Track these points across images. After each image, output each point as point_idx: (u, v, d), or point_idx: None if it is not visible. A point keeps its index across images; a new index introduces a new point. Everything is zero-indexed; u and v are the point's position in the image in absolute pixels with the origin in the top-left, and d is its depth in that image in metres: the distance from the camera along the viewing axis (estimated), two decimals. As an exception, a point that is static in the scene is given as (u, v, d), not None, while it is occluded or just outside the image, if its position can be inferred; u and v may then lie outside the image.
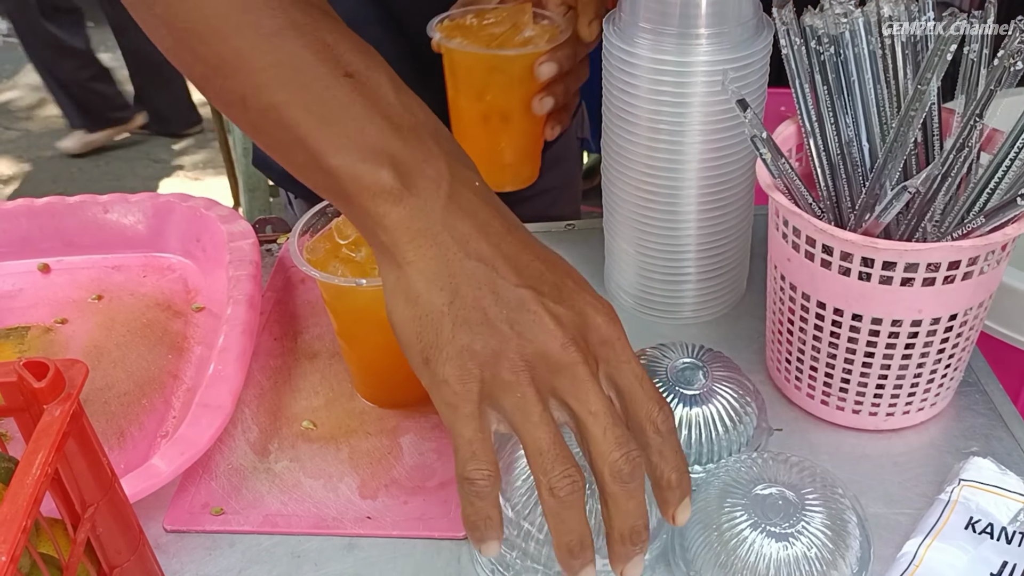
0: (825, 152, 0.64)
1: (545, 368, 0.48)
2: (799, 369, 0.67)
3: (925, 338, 0.60)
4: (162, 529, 0.63)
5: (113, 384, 0.73)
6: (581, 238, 0.88)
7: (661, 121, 0.68)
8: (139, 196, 0.86)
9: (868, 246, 0.56)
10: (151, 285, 0.83)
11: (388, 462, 0.66)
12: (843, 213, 0.64)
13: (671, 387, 0.62)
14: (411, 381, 0.70)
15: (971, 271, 0.57)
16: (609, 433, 0.47)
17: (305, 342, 0.77)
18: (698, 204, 0.71)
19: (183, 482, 0.65)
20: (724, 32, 0.65)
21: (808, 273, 0.61)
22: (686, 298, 0.77)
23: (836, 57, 0.62)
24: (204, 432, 0.64)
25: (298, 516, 0.63)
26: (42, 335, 0.79)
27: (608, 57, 0.69)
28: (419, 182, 0.49)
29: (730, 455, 0.61)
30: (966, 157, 0.60)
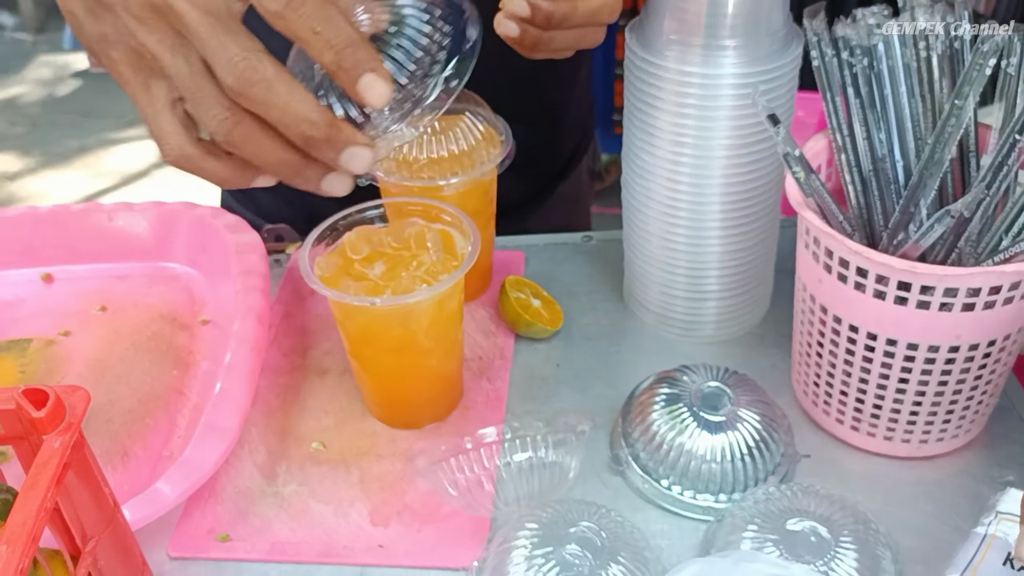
0: (857, 167, 0.61)
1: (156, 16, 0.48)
2: (828, 393, 0.64)
3: (963, 364, 0.58)
4: (166, 556, 0.60)
5: (116, 400, 0.71)
6: (599, 250, 0.85)
7: (685, 135, 0.65)
8: (144, 204, 0.84)
9: (906, 270, 0.53)
10: (156, 296, 0.81)
11: (401, 487, 0.64)
12: (875, 230, 0.61)
13: (694, 412, 0.60)
14: (424, 403, 0.68)
15: (1012, 296, 0.55)
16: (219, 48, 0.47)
17: (314, 358, 0.75)
18: (722, 220, 0.69)
19: (188, 506, 0.63)
20: (752, 43, 0.62)
21: (840, 295, 0.58)
22: (708, 316, 0.74)
23: (869, 69, 0.60)
24: (210, 455, 0.61)
25: (307, 543, 0.61)
26: (44, 348, 0.76)
27: (631, 68, 0.67)
28: None
29: (756, 484, 0.59)
30: (1005, 177, 0.57)
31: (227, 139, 0.49)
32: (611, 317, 0.78)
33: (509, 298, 0.75)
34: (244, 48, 0.47)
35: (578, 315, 0.78)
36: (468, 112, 0.73)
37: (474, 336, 0.76)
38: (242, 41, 0.47)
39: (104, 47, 0.51)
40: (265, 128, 0.49)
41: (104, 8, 0.50)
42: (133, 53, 0.50)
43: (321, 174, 0.51)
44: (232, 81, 0.47)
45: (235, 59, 0.47)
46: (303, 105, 0.48)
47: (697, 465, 0.59)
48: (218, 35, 0.47)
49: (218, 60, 0.47)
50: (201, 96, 0.49)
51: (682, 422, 0.60)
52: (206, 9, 0.48)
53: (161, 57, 0.49)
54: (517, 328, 0.75)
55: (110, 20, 0.50)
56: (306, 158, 0.50)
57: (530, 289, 0.77)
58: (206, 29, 0.47)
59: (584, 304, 0.79)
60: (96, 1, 0.50)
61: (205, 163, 0.52)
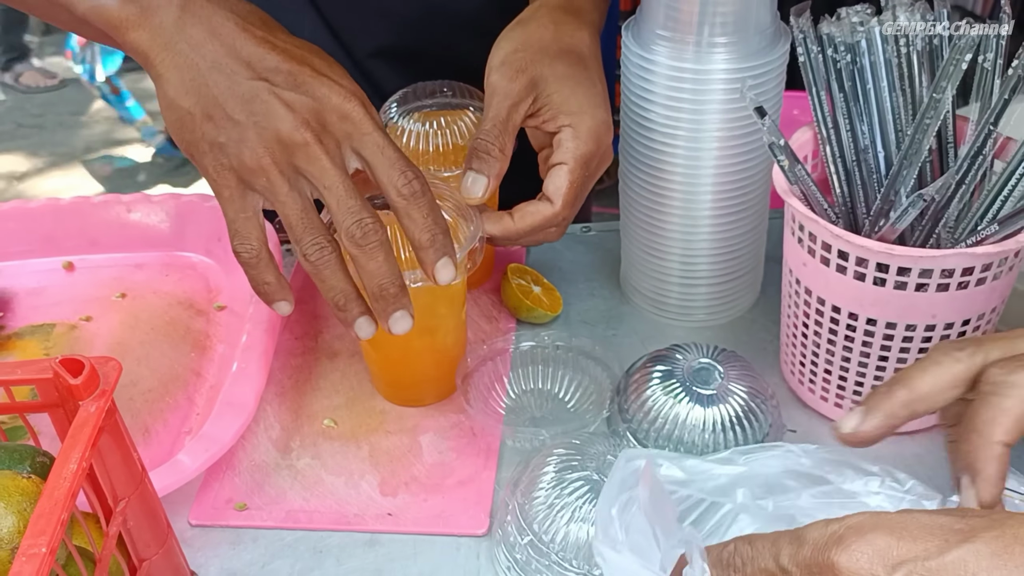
0: (841, 159, 0.65)
1: (283, 151, 0.55)
2: (813, 372, 0.68)
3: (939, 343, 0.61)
4: (187, 524, 0.64)
5: (137, 381, 0.74)
6: (597, 241, 0.89)
7: (678, 127, 0.69)
8: (161, 196, 0.88)
9: (883, 252, 0.57)
10: (173, 284, 0.85)
11: (408, 460, 0.68)
12: (858, 219, 0.65)
13: (687, 386, 0.64)
14: (431, 383, 0.72)
15: (984, 277, 0.58)
16: (342, 204, 0.55)
17: (325, 341, 0.79)
18: (713, 209, 0.72)
19: (207, 478, 0.67)
20: (742, 40, 0.66)
21: (823, 278, 0.62)
22: (700, 301, 0.78)
23: (852, 65, 0.63)
24: (228, 429, 0.65)
25: (320, 512, 0.64)
26: (67, 332, 0.80)
27: (626, 63, 0.70)
28: (151, 3, 0.55)
29: (745, 456, 0.62)
30: (980, 165, 0.61)
31: (316, 259, 0.57)
32: (608, 303, 0.82)
33: (511, 285, 0.78)
34: (370, 213, 0.56)
35: (577, 301, 0.82)
36: (472, 107, 0.76)
37: (477, 321, 0.80)
38: (367, 206, 0.56)
39: (213, 152, 0.55)
40: (343, 262, 0.58)
41: (230, 122, 0.55)
42: (243, 168, 0.55)
43: (360, 313, 0.59)
44: (358, 233, 0.56)
45: (366, 220, 0.56)
46: (392, 268, 0.57)
47: (691, 436, 0.63)
48: (352, 196, 0.56)
49: (348, 211, 0.56)
50: (309, 225, 0.56)
51: (675, 396, 0.63)
52: (340, 166, 0.56)
53: (278, 186, 0.55)
54: (519, 313, 0.79)
55: (233, 133, 0.55)
56: (359, 295, 0.59)
57: (531, 276, 0.81)
58: (344, 189, 0.56)
59: (582, 291, 0.83)
60: (223, 112, 0.55)
61: (269, 268, 0.59)
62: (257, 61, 0.55)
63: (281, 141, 0.55)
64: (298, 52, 0.57)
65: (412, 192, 0.57)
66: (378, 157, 0.57)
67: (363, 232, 0.56)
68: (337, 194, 0.55)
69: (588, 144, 0.67)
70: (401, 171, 0.57)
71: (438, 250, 0.58)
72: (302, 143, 0.55)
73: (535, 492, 0.59)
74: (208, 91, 0.55)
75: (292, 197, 0.56)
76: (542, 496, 0.58)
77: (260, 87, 0.55)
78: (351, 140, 0.57)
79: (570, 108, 0.67)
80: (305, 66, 0.56)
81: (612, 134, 0.69)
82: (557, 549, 0.56)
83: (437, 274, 0.59)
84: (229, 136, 0.55)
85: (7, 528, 0.44)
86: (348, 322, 0.59)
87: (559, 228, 0.70)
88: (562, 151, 0.67)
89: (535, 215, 0.68)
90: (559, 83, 0.67)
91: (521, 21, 0.70)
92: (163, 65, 0.55)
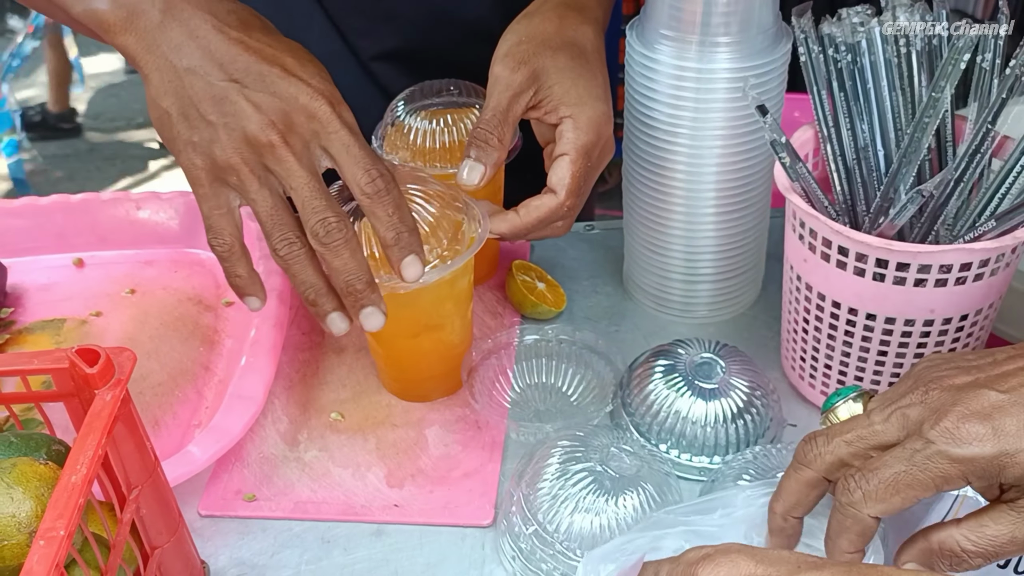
0: (841, 157, 0.66)
1: (251, 151, 0.57)
2: (813, 367, 0.69)
3: (937, 337, 0.62)
4: (197, 514, 0.65)
5: (147, 375, 0.75)
6: (601, 239, 0.90)
7: (681, 126, 0.70)
8: (170, 194, 0.89)
9: (883, 248, 0.58)
10: (182, 280, 0.86)
11: (414, 453, 0.69)
12: (858, 216, 0.66)
13: (689, 381, 0.65)
14: (437, 379, 0.73)
15: (982, 273, 0.59)
16: (307, 204, 0.57)
17: (332, 337, 0.79)
18: (716, 206, 0.73)
19: (216, 469, 0.68)
20: (744, 40, 0.67)
21: (824, 273, 0.63)
22: (702, 298, 0.79)
23: (853, 65, 0.64)
24: (237, 421, 0.66)
25: (328, 503, 0.65)
26: (77, 327, 0.81)
27: (630, 62, 0.71)
28: (137, 7, 0.57)
29: (747, 446, 0.63)
30: (978, 163, 0.62)
31: (284, 255, 0.58)
32: (611, 300, 0.83)
33: (516, 281, 0.79)
34: (335, 212, 0.57)
35: (580, 298, 0.83)
36: (478, 106, 0.78)
37: (482, 316, 0.81)
38: (331, 204, 0.57)
39: (187, 151, 0.58)
40: (313, 258, 0.59)
41: (203, 122, 0.57)
42: (215, 166, 0.57)
43: (332, 308, 0.60)
44: (321, 231, 0.57)
45: (330, 219, 0.57)
46: (358, 264, 0.58)
47: (693, 429, 0.64)
48: (316, 196, 0.57)
49: (312, 211, 0.57)
50: (278, 222, 0.58)
51: (678, 390, 0.64)
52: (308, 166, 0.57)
53: (248, 184, 0.57)
54: (523, 309, 0.80)
55: (205, 133, 0.57)
56: (329, 290, 0.59)
57: (535, 273, 0.82)
58: (309, 189, 0.57)
59: (586, 288, 0.84)
60: (197, 113, 0.57)
61: (240, 262, 0.60)
62: (229, 62, 0.57)
63: (249, 141, 0.56)
64: (270, 52, 0.58)
65: (376, 190, 0.58)
66: (344, 155, 0.58)
67: (326, 230, 0.57)
68: (302, 195, 0.57)
69: (588, 134, 0.68)
70: (365, 169, 0.58)
71: (403, 248, 0.59)
72: (268, 144, 0.56)
73: (540, 483, 0.60)
74: (184, 92, 0.57)
75: (262, 195, 0.57)
76: (546, 487, 0.59)
77: (230, 88, 0.57)
78: (318, 139, 0.58)
79: (570, 99, 0.68)
80: (275, 66, 0.58)
81: (612, 125, 0.70)
82: (561, 539, 0.57)
83: (403, 271, 0.59)
84: (202, 136, 0.57)
85: (25, 512, 0.46)
86: (320, 316, 0.60)
87: (565, 221, 0.71)
88: (563, 142, 0.68)
89: (541, 208, 0.69)
90: (560, 75, 0.68)
91: (527, 14, 0.71)
92: (148, 67, 0.57)
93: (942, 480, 0.44)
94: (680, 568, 0.40)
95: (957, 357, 0.50)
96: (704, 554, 0.40)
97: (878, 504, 0.45)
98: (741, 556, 0.39)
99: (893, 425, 0.47)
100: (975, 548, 0.45)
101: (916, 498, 0.45)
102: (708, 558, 0.40)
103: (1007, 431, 0.43)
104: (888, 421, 0.47)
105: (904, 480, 0.45)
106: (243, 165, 0.57)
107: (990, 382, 0.46)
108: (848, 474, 0.47)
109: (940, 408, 0.45)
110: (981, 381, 0.46)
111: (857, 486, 0.46)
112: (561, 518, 0.58)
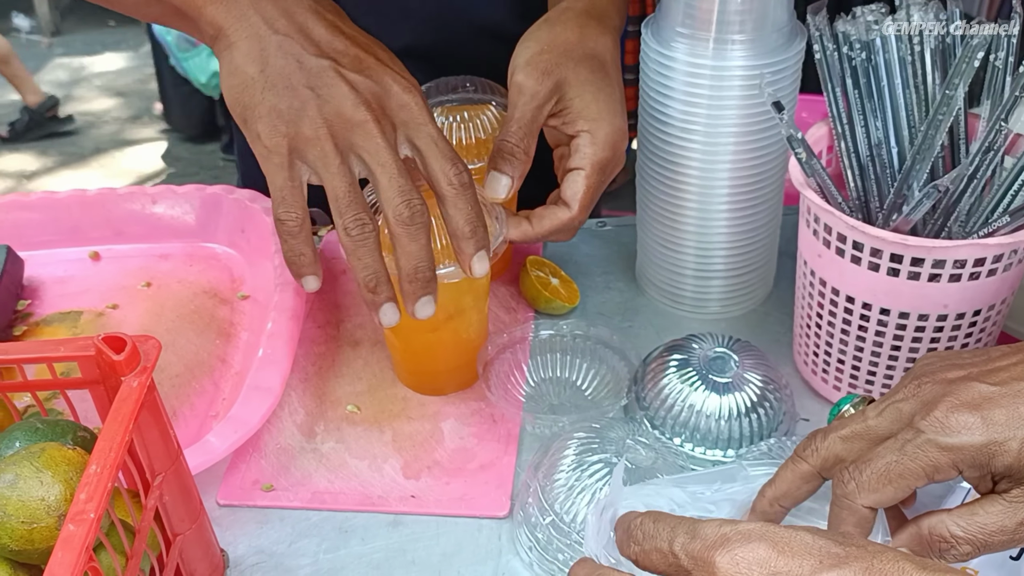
0: (855, 154, 0.67)
1: (341, 126, 0.57)
2: (826, 361, 0.69)
3: (950, 332, 0.63)
4: (216, 503, 0.66)
5: (165, 367, 0.76)
6: (613, 235, 0.91)
7: (695, 122, 0.70)
8: (186, 188, 0.89)
9: (897, 242, 0.59)
10: (198, 274, 0.86)
11: (430, 445, 0.69)
12: (871, 213, 0.66)
13: (703, 375, 0.65)
14: (452, 373, 0.73)
15: (995, 268, 0.60)
16: (393, 181, 0.57)
17: (347, 330, 0.80)
18: (729, 203, 0.74)
19: (234, 460, 0.68)
20: (759, 37, 0.67)
21: (838, 268, 0.64)
22: (715, 294, 0.79)
23: (867, 62, 0.65)
24: (255, 412, 0.67)
25: (345, 493, 0.66)
26: (94, 319, 0.82)
27: (645, 59, 0.72)
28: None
29: (760, 440, 0.64)
30: (991, 160, 0.62)
31: (356, 235, 0.58)
32: (624, 296, 0.84)
33: (530, 276, 0.80)
34: (419, 196, 0.58)
35: (593, 294, 0.84)
36: (494, 102, 0.78)
37: (496, 312, 0.81)
38: (416, 188, 0.58)
39: (270, 118, 0.57)
40: (380, 244, 0.59)
41: (292, 92, 0.57)
42: (299, 137, 0.57)
43: (388, 298, 0.60)
44: (406, 212, 0.57)
45: (415, 201, 0.57)
46: (430, 253, 0.59)
47: (707, 423, 0.64)
48: (403, 176, 0.57)
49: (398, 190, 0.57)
50: (355, 201, 0.58)
51: (691, 384, 0.65)
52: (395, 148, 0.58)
53: (330, 159, 0.57)
54: (537, 304, 0.80)
55: (294, 102, 0.57)
56: (388, 279, 0.60)
57: (549, 269, 0.82)
58: (396, 169, 0.57)
59: (599, 284, 0.85)
60: (287, 82, 0.57)
61: (307, 241, 0.60)
62: (326, 43, 0.58)
63: (341, 116, 0.57)
64: (364, 41, 0.61)
65: (462, 183, 0.59)
66: (432, 148, 0.59)
67: (411, 212, 0.57)
68: (390, 172, 0.57)
69: (605, 151, 0.69)
70: (453, 162, 0.59)
71: (478, 242, 0.60)
72: (361, 121, 0.57)
73: (556, 474, 0.60)
74: (275, 61, 0.57)
75: (342, 172, 0.57)
76: (563, 478, 0.60)
77: (326, 64, 0.57)
78: (407, 128, 0.59)
79: (590, 114, 0.69)
80: (370, 55, 0.59)
81: (627, 141, 0.71)
82: (578, 529, 0.58)
83: (473, 265, 0.61)
84: (290, 104, 0.57)
85: (55, 496, 0.46)
86: (376, 305, 0.60)
87: (569, 235, 0.73)
88: (579, 156, 0.69)
89: (553, 219, 0.70)
90: (581, 88, 0.69)
91: (548, 21, 0.72)
92: (236, 34, 0.58)
93: (932, 469, 0.45)
94: (697, 546, 0.39)
95: (953, 355, 0.51)
96: (722, 535, 0.39)
97: (871, 494, 0.46)
98: (762, 544, 0.38)
99: (886, 419, 0.48)
100: (964, 535, 0.45)
101: (909, 488, 0.46)
102: (727, 542, 0.38)
103: (996, 421, 0.44)
104: (882, 415, 0.48)
105: (896, 470, 0.45)
106: (329, 140, 0.57)
107: (981, 376, 0.47)
108: (843, 467, 0.48)
109: (931, 400, 0.46)
110: (973, 375, 0.47)
111: (851, 478, 0.47)
112: (578, 509, 0.58)
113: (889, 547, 0.39)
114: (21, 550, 0.46)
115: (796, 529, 0.40)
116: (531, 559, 0.60)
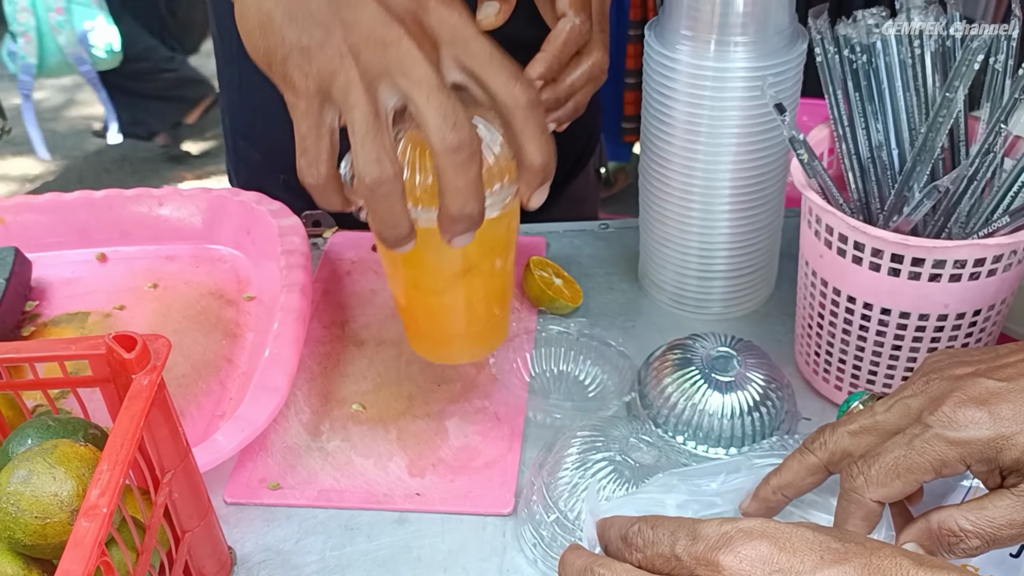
0: (856, 156, 0.67)
1: (371, 51, 0.49)
2: (828, 361, 0.70)
3: (950, 332, 0.64)
4: (223, 501, 0.66)
5: (171, 367, 0.76)
6: (616, 236, 0.92)
7: (698, 124, 0.71)
8: (192, 190, 0.90)
9: (898, 243, 0.59)
10: (204, 275, 0.87)
11: (435, 443, 0.70)
12: (872, 214, 0.67)
13: (706, 374, 0.66)
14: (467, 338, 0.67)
15: (995, 268, 0.61)
16: (432, 100, 0.48)
17: (352, 330, 0.81)
18: (731, 204, 0.75)
19: (241, 459, 0.69)
20: (761, 40, 0.68)
21: (839, 269, 0.64)
22: (717, 294, 0.80)
23: (868, 65, 0.66)
24: (262, 412, 0.67)
25: (350, 491, 0.66)
26: (102, 320, 0.82)
27: (648, 62, 0.73)
28: None
29: (762, 438, 0.65)
30: (991, 162, 0.63)
31: (375, 182, 0.49)
32: (627, 296, 0.84)
33: (534, 276, 0.80)
34: (468, 118, 0.49)
35: (596, 294, 0.84)
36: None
37: (500, 312, 0.82)
38: (461, 114, 0.49)
39: (295, 56, 0.50)
40: (402, 191, 0.50)
41: (314, 22, 0.50)
42: (323, 72, 0.50)
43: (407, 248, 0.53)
44: (453, 140, 0.48)
45: (462, 123, 0.48)
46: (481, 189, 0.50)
47: (709, 421, 0.65)
48: (447, 96, 0.48)
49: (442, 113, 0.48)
50: (375, 138, 0.49)
51: (694, 383, 0.66)
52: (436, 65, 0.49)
53: (351, 88, 0.49)
54: (540, 304, 0.81)
55: (317, 33, 0.50)
56: (411, 234, 0.52)
57: (552, 269, 0.83)
58: (438, 86, 0.48)
59: (602, 284, 0.85)
60: (307, 12, 0.49)
61: (333, 192, 0.53)
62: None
63: (371, 38, 0.49)
64: None
65: (531, 101, 0.50)
66: (486, 64, 0.50)
67: (459, 137, 0.48)
68: (428, 88, 0.48)
69: None
70: (518, 78, 0.50)
71: (549, 173, 0.52)
72: (395, 38, 0.48)
73: (560, 472, 0.61)
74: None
75: (362, 100, 0.49)
76: (567, 476, 0.61)
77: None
78: (453, 47, 0.50)
79: None
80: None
81: None
82: (581, 526, 0.58)
83: (532, 199, 0.53)
84: (313, 37, 0.49)
85: (67, 492, 0.47)
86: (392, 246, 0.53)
87: (596, 56, 0.63)
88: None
89: (559, 34, 0.61)
90: None
91: None
92: None
93: (940, 463, 0.46)
94: (700, 547, 0.39)
95: (961, 352, 0.51)
96: (724, 534, 0.39)
97: (880, 488, 0.47)
98: (764, 542, 0.38)
99: (895, 414, 0.49)
100: (973, 528, 0.46)
101: (917, 482, 0.47)
102: (729, 542, 0.39)
103: (1004, 415, 0.45)
104: (890, 411, 0.49)
105: (903, 464, 0.46)
106: (354, 67, 0.49)
107: (989, 372, 0.47)
108: (851, 461, 0.48)
109: (939, 396, 0.47)
110: (980, 371, 0.48)
111: (860, 472, 0.47)
112: (581, 506, 0.59)
113: (888, 544, 0.40)
114: (34, 545, 0.47)
115: (796, 525, 0.40)
116: (535, 556, 0.61)
